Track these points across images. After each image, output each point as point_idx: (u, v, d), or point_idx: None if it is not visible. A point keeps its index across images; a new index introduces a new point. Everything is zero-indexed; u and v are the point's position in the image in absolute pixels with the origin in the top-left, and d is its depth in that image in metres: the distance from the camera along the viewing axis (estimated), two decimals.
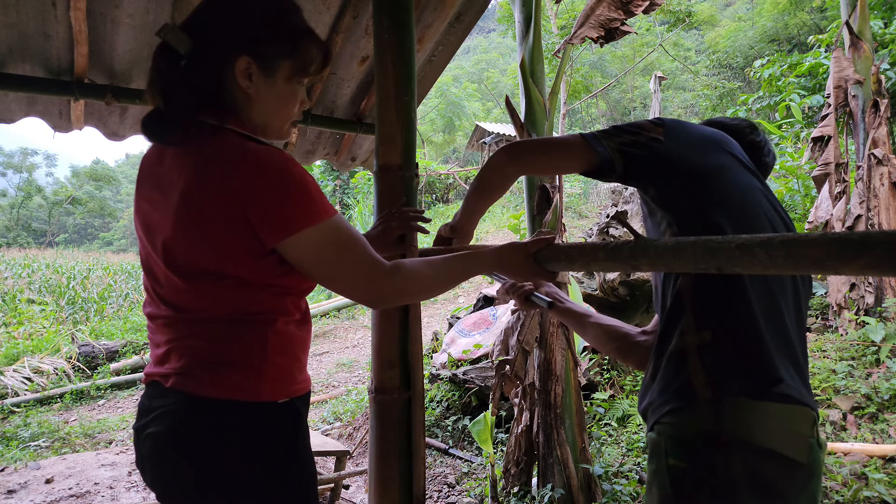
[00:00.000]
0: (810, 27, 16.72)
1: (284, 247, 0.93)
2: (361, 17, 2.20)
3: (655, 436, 0.98)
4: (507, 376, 2.91)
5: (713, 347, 0.95)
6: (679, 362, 0.98)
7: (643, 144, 1.06)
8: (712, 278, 0.97)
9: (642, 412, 1.06)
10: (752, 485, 0.87)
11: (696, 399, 0.93)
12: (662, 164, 1.05)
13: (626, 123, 1.12)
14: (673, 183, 1.05)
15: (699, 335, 0.96)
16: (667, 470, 0.93)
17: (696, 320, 0.97)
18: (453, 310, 7.32)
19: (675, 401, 0.96)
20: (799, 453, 0.90)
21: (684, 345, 0.97)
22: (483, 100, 27.81)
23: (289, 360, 1.00)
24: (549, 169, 1.24)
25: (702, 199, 1.02)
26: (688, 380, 0.95)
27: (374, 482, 1.54)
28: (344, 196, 16.84)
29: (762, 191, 1.06)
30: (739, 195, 1.03)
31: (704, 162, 1.05)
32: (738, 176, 1.05)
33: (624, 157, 1.06)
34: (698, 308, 0.98)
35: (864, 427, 3.12)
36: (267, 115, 1.02)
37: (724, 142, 1.10)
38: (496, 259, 1.11)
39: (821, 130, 4.73)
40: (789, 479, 0.89)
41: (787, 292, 1.02)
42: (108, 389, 6.53)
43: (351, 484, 3.55)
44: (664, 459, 0.94)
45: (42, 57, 2.04)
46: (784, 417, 0.91)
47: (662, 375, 1.00)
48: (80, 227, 44.02)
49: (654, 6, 2.90)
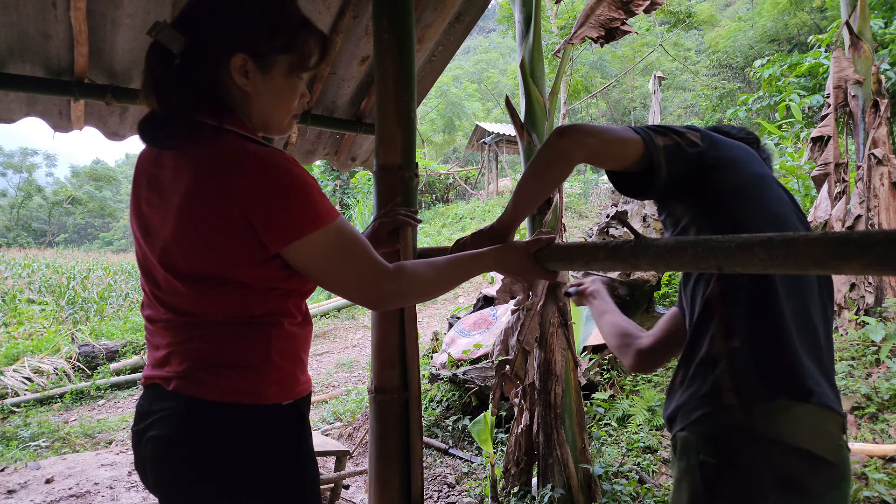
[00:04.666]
0: (810, 27, 16.72)
1: (288, 252, 0.92)
2: (361, 17, 2.20)
3: (686, 434, 0.99)
4: (507, 376, 2.91)
5: (742, 354, 0.95)
6: (708, 369, 0.98)
7: (684, 150, 1.03)
8: (742, 284, 0.97)
9: (669, 417, 1.06)
10: (779, 481, 0.88)
11: (723, 405, 0.94)
12: (704, 173, 1.03)
13: (664, 125, 1.08)
14: (711, 193, 1.03)
15: (728, 342, 0.96)
16: (698, 466, 0.94)
17: (725, 327, 0.97)
18: (453, 310, 7.32)
19: (704, 406, 0.96)
20: (828, 452, 0.91)
21: (714, 351, 0.98)
22: (483, 100, 27.81)
23: (291, 362, 1.00)
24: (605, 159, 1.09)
25: (740, 210, 1.01)
26: (717, 386, 0.96)
27: (374, 482, 1.54)
28: (344, 196, 16.84)
29: (791, 205, 1.06)
30: (774, 207, 1.03)
31: (746, 172, 1.04)
32: (774, 188, 1.05)
33: (668, 161, 1.02)
34: (728, 315, 0.98)
35: (864, 427, 3.12)
36: (266, 112, 1.00)
37: (752, 151, 1.10)
38: (496, 259, 1.10)
39: (821, 130, 4.73)
40: (817, 477, 0.90)
41: (815, 294, 1.01)
42: (108, 389, 6.53)
43: (351, 484, 3.55)
44: (695, 456, 0.95)
45: (42, 57, 2.04)
46: (812, 418, 0.92)
47: (691, 382, 1.01)
48: (80, 227, 44.02)
49: (655, 6, 2.90)
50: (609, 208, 5.92)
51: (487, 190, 18.28)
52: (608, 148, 1.05)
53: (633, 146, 1.03)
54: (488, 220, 14.01)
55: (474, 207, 15.97)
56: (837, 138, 4.68)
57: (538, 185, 1.14)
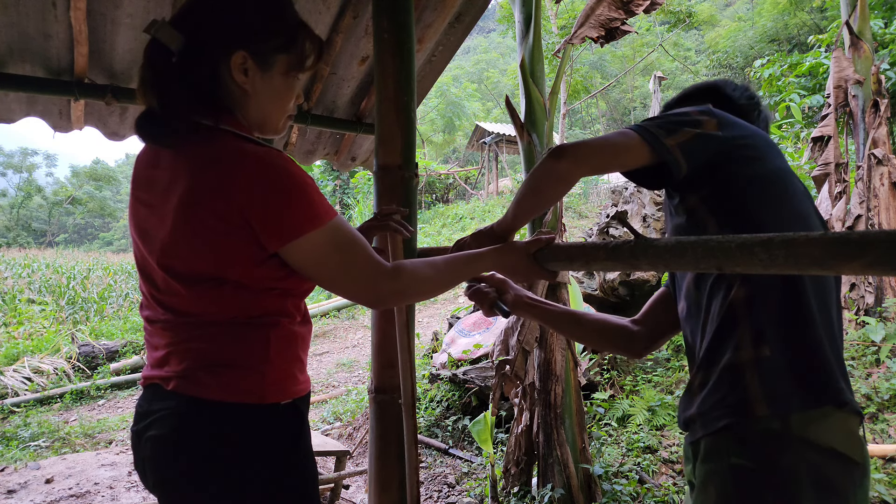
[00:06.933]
0: (810, 27, 16.72)
1: (286, 251, 0.92)
2: (361, 17, 2.20)
3: (714, 438, 0.98)
4: (507, 376, 2.91)
5: (774, 363, 0.94)
6: (734, 377, 0.96)
7: (704, 142, 0.99)
8: (771, 289, 0.95)
9: (686, 421, 1.04)
10: (815, 483, 0.89)
11: (754, 415, 0.93)
12: (721, 164, 1.00)
13: (675, 114, 1.03)
14: (730, 187, 1.00)
15: (757, 350, 0.95)
16: (729, 469, 0.93)
17: (752, 334, 0.96)
18: (453, 310, 7.32)
19: (731, 416, 0.95)
20: (856, 453, 0.92)
21: (740, 359, 0.96)
22: (483, 100, 27.81)
23: (291, 362, 1.00)
24: (608, 170, 1.09)
25: (757, 204, 0.99)
26: (745, 396, 0.94)
27: (374, 482, 1.54)
28: (344, 196, 16.85)
29: (810, 202, 1.05)
30: (796, 205, 1.01)
31: (767, 166, 1.01)
32: (795, 184, 1.03)
33: (687, 157, 0.99)
34: (756, 322, 0.96)
35: (864, 427, 3.12)
36: (264, 111, 1.01)
37: (769, 139, 1.07)
38: (496, 259, 1.10)
39: (821, 130, 4.73)
40: (848, 476, 0.91)
41: (833, 291, 1.00)
42: (108, 389, 6.54)
43: (351, 484, 3.55)
44: (726, 459, 0.94)
45: (42, 57, 2.04)
46: (846, 424, 0.94)
47: (715, 388, 0.98)
48: (80, 227, 44.03)
49: (655, 6, 2.90)
50: (609, 208, 5.92)
51: (487, 190, 18.29)
52: (609, 162, 1.04)
53: (635, 154, 1.01)
54: (488, 221, 14.01)
55: (474, 207, 15.97)
56: (837, 138, 4.68)
57: (536, 202, 1.13)
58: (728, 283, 0.99)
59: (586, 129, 26.41)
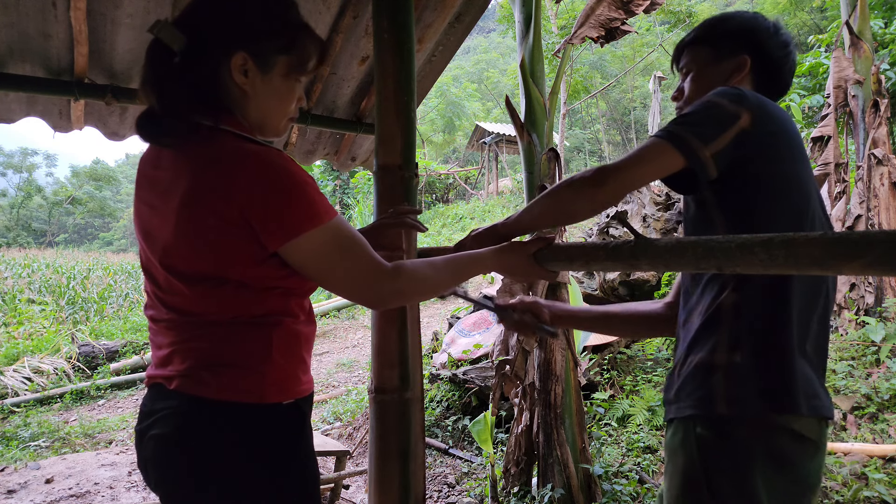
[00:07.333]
0: (810, 27, 16.73)
1: (286, 250, 0.92)
2: (361, 17, 2.20)
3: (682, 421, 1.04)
4: (507, 376, 2.91)
5: (743, 370, 0.98)
6: (705, 374, 1.01)
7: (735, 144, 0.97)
8: (755, 301, 0.98)
9: (665, 401, 1.11)
10: (768, 453, 0.96)
11: (716, 412, 0.99)
12: (742, 161, 0.98)
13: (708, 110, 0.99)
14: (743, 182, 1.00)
15: (731, 355, 0.99)
16: (695, 438, 1.00)
17: (731, 340, 1.00)
18: (453, 310, 7.32)
19: (697, 408, 1.01)
20: (813, 433, 0.98)
21: (714, 360, 1.00)
22: (483, 100, 27.80)
23: (293, 362, 1.00)
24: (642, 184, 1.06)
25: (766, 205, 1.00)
26: (711, 394, 0.99)
27: (374, 482, 1.54)
28: (344, 196, 16.85)
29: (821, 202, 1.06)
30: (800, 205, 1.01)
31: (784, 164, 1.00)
32: (809, 189, 1.03)
33: (719, 163, 0.97)
34: (737, 330, 0.99)
35: (864, 427, 3.12)
36: (264, 113, 1.01)
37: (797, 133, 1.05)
38: (496, 259, 1.10)
39: (821, 130, 4.74)
40: (802, 451, 0.98)
41: (818, 310, 1.02)
42: (108, 389, 6.54)
43: (351, 484, 3.55)
44: (692, 430, 1.01)
45: (42, 57, 2.04)
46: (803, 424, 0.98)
47: (688, 379, 1.04)
48: (80, 227, 44.00)
49: (655, 6, 2.90)
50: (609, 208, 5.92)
51: (487, 190, 18.28)
52: (646, 182, 1.05)
53: (669, 164, 0.98)
54: (488, 221, 14.01)
55: (474, 207, 15.96)
56: (837, 138, 4.68)
57: (561, 220, 1.13)
58: (721, 284, 1.02)
59: (586, 129, 26.41)
